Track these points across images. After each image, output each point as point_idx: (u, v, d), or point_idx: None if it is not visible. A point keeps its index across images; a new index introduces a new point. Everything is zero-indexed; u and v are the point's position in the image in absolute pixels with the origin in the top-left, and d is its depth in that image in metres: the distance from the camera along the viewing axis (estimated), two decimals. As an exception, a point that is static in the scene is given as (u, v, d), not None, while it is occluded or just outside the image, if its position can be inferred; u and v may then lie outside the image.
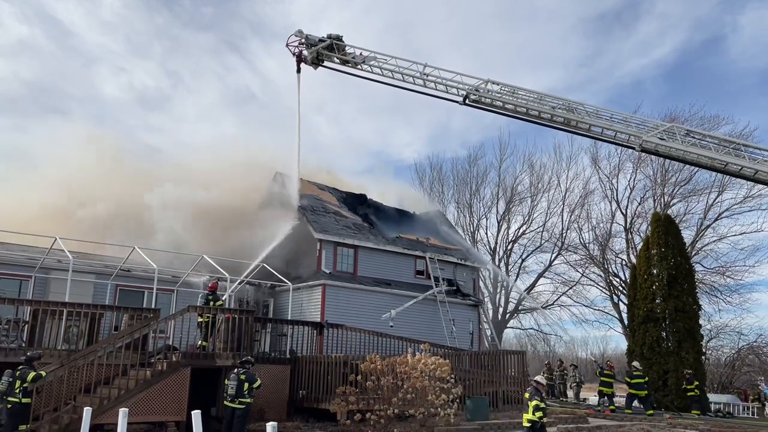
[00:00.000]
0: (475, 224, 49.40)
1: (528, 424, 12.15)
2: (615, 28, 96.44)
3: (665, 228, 26.79)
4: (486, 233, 49.21)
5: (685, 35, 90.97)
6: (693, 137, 18.74)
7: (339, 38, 24.85)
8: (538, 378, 13.08)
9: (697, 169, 30.12)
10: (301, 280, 24.51)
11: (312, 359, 17.93)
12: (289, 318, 21.95)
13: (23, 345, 14.97)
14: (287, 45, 25.71)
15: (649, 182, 41.23)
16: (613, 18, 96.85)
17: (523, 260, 48.11)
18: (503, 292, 47.86)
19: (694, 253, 38.05)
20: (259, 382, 13.50)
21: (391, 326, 22.84)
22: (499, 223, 48.49)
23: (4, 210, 25.58)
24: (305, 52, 25.28)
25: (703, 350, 28.12)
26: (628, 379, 22.35)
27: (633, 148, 20.02)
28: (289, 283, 22.68)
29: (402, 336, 21.41)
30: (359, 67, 24.06)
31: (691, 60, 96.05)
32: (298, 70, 26.00)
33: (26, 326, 15.68)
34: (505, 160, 49.39)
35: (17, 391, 11.52)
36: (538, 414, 11.96)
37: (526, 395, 12.52)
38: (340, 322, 21.24)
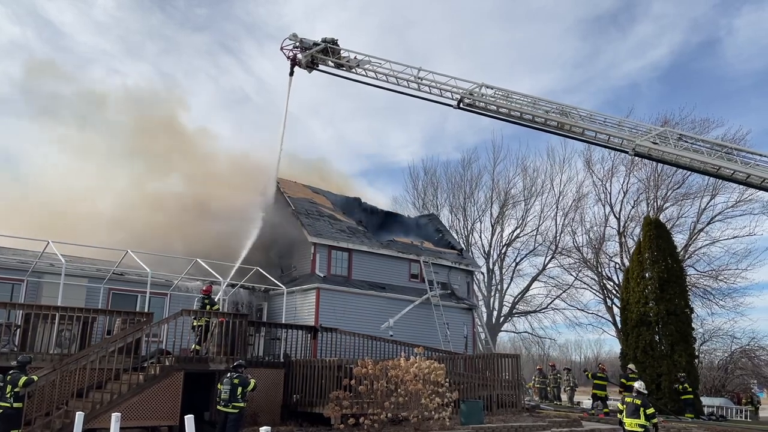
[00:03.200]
0: (469, 228, 49.54)
1: (641, 430, 12.66)
2: (611, 30, 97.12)
3: (657, 231, 26.90)
4: (480, 237, 49.36)
5: (681, 37, 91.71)
6: (686, 141, 18.87)
7: (334, 42, 24.88)
8: (638, 385, 13.44)
9: (689, 172, 30.27)
10: (296, 283, 24.47)
11: (306, 363, 17.88)
12: (283, 322, 21.91)
13: (15, 349, 14.86)
14: (281, 48, 25.74)
15: (642, 186, 41.47)
16: (609, 19, 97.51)
17: (517, 264, 48.26)
18: (497, 295, 47.97)
19: (687, 256, 38.23)
20: (253, 383, 13.45)
21: (391, 335, 22.80)
22: (493, 226, 48.65)
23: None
24: (300, 56, 25.33)
25: (696, 353, 28.18)
26: (624, 381, 22.35)
27: (626, 152, 20.16)
28: (283, 287, 22.64)
29: (396, 340, 21.40)
30: (354, 70, 24.12)
31: (687, 62, 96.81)
32: (291, 73, 26.07)
33: (18, 330, 15.58)
34: (499, 163, 49.70)
35: (8, 395, 11.42)
36: (655, 420, 12.84)
37: (634, 400, 12.94)
38: (334, 325, 21.20)
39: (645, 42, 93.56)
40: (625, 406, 13.09)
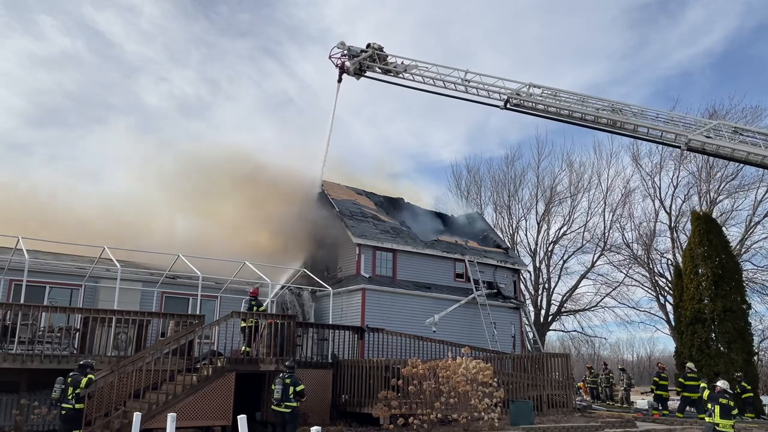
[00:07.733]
0: (514, 226, 48.85)
1: (732, 431, 12.89)
2: (660, 17, 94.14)
3: (707, 226, 26.08)
4: (526, 235, 48.64)
5: (736, 22, 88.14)
6: (741, 134, 18.22)
7: (380, 48, 25.21)
8: (724, 385, 13.39)
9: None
10: (341, 284, 24.65)
11: (353, 363, 18.02)
12: (330, 322, 22.10)
13: (75, 352, 15.44)
14: (330, 57, 26.07)
15: (693, 179, 40.17)
16: (658, 7, 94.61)
17: (564, 261, 47.30)
18: (545, 294, 47.24)
19: (743, 251, 36.91)
20: (301, 386, 13.62)
21: (434, 331, 22.80)
22: (538, 224, 47.82)
23: (54, 220, 26.40)
24: (348, 64, 25.59)
25: (756, 351, 27.18)
26: (682, 381, 21.72)
27: (679, 147, 19.61)
28: (330, 288, 22.82)
29: (443, 340, 21.33)
30: (401, 75, 24.34)
31: (742, 48, 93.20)
32: (339, 80, 26.39)
33: (77, 334, 16.18)
34: (543, 159, 48.70)
35: (70, 397, 11.86)
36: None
37: (728, 401, 12.95)
38: (380, 326, 21.30)
39: (696, 28, 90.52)
40: (716, 407, 12.81)
